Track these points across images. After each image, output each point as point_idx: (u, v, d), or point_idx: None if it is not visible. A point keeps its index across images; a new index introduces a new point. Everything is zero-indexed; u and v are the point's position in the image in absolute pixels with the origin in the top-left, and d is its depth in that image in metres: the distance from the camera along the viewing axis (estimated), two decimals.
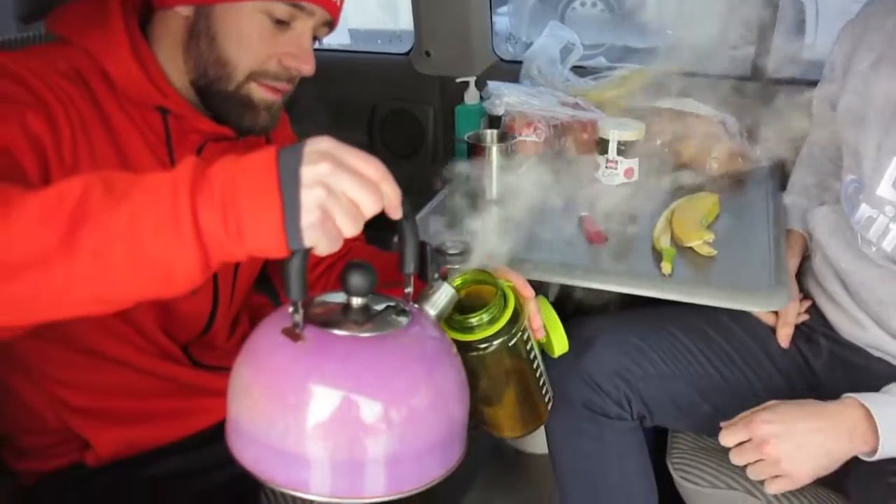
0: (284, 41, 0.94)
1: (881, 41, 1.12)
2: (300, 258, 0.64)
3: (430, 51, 2.07)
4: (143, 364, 1.00)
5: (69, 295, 0.63)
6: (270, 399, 0.66)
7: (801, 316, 1.28)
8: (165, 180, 0.63)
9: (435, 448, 0.69)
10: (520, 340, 0.91)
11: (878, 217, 1.11)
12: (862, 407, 1.00)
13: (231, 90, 0.94)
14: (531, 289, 0.96)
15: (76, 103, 0.87)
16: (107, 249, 0.61)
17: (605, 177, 1.39)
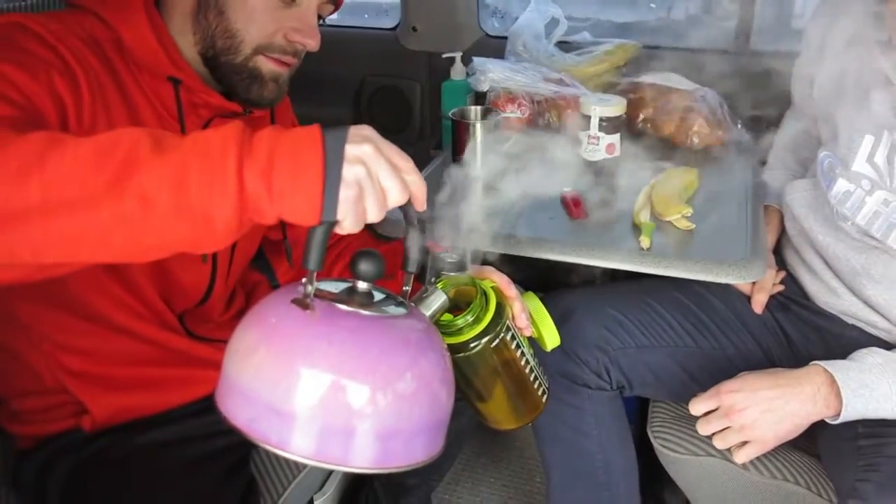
0: (290, 16, 0.96)
1: (853, 22, 1.13)
2: (325, 229, 0.68)
3: (417, 26, 2.07)
4: (141, 331, 1.03)
5: (113, 237, 0.65)
6: (277, 360, 0.68)
7: (777, 287, 1.31)
8: (214, 136, 0.66)
9: (423, 431, 0.72)
10: (504, 339, 0.93)
11: (854, 191, 1.13)
12: (825, 372, 1.05)
13: (239, 62, 0.97)
14: (514, 288, 1.00)
15: (95, 69, 0.89)
16: (154, 194, 0.64)
17: (587, 152, 1.41)
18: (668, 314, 1.28)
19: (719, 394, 1.08)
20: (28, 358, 1.01)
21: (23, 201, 0.63)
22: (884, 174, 1.09)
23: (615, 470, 1.31)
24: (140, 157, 0.64)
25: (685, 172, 1.38)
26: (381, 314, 0.73)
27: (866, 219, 1.12)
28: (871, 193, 1.11)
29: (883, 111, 1.08)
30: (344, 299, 0.74)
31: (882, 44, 1.06)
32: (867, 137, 1.10)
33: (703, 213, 1.25)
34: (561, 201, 1.32)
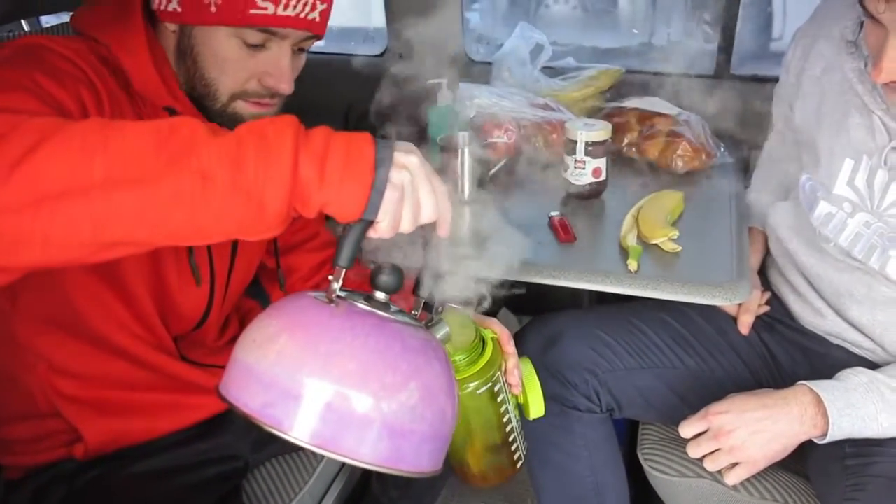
0: (262, 62, 0.97)
1: (830, 48, 1.16)
2: (363, 227, 0.71)
3: (403, 53, 2.09)
4: (137, 354, 1.04)
5: (171, 215, 0.67)
6: (300, 347, 0.69)
7: (763, 307, 1.32)
8: (270, 123, 0.69)
9: (431, 438, 0.73)
10: (492, 389, 0.94)
11: (836, 213, 1.15)
12: (812, 392, 1.06)
13: (218, 108, 0.98)
14: (513, 345, 1.02)
15: (111, 89, 0.91)
16: (213, 171, 0.66)
17: (574, 177, 1.43)
18: (657, 336, 1.29)
19: (708, 416, 1.09)
20: (22, 380, 1.01)
21: (86, 177, 0.65)
22: (864, 197, 1.11)
23: (606, 493, 1.31)
24: (199, 138, 0.67)
25: (670, 195, 1.39)
26: (399, 319, 0.75)
27: (848, 240, 1.14)
28: (852, 216, 1.13)
29: (861, 136, 1.10)
30: (363, 303, 0.76)
31: (858, 71, 1.08)
32: (847, 161, 1.13)
33: (688, 235, 1.27)
34: (549, 225, 1.34)
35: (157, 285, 1.03)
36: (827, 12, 1.19)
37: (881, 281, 1.12)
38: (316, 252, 1.29)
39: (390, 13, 2.07)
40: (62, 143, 0.65)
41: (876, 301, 1.14)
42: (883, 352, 1.17)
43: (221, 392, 0.72)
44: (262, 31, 0.94)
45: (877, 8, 0.88)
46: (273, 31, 0.94)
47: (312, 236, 1.29)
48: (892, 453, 1.03)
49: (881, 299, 1.13)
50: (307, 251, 1.28)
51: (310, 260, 1.28)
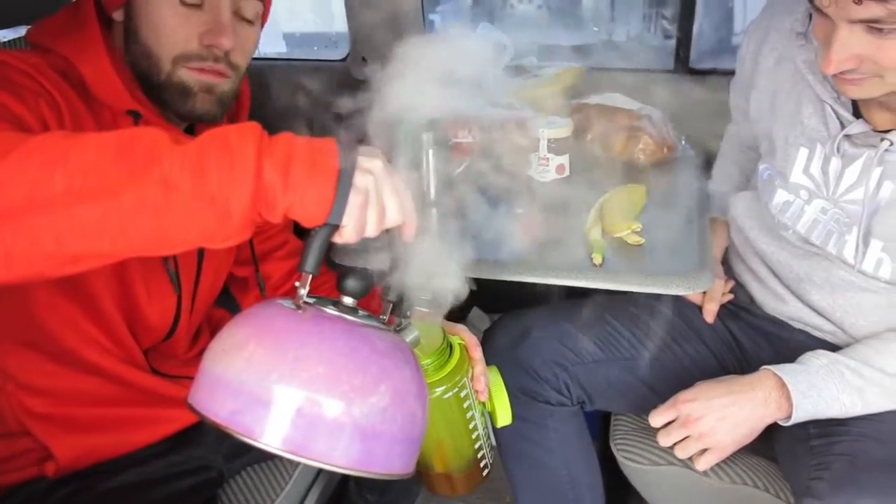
0: (201, 20, 0.96)
1: (782, 40, 1.18)
2: (327, 232, 0.71)
3: (367, 56, 2.10)
4: (107, 368, 1.03)
5: (135, 224, 0.67)
6: (268, 352, 0.69)
7: (726, 295, 1.35)
8: (232, 129, 0.69)
9: (402, 440, 0.73)
10: (458, 395, 0.95)
11: (794, 201, 1.18)
12: (775, 376, 1.09)
13: (163, 80, 0.97)
14: (480, 351, 1.03)
15: (70, 101, 0.90)
16: (176, 179, 0.66)
17: (538, 174, 1.44)
18: (624, 328, 1.31)
19: (676, 404, 1.11)
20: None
21: (47, 190, 0.64)
22: (820, 184, 1.14)
23: (580, 484, 1.32)
24: (161, 147, 0.67)
25: (633, 189, 1.42)
26: (368, 323, 0.76)
27: (806, 227, 1.17)
28: (809, 203, 1.16)
29: (814, 125, 1.13)
30: (331, 308, 0.76)
31: (809, 62, 1.11)
32: (802, 150, 1.15)
33: (652, 227, 1.29)
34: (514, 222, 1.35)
35: (125, 298, 1.02)
36: (778, 5, 1.21)
37: (839, 265, 1.15)
38: (285, 260, 1.29)
39: (351, 18, 2.07)
40: (22, 158, 0.65)
41: (835, 285, 1.17)
42: (843, 334, 1.20)
43: (190, 403, 0.72)
44: None
45: (823, 2, 0.90)
46: None
47: (281, 245, 1.29)
48: (854, 432, 1.06)
49: (840, 283, 1.16)
50: (277, 259, 1.28)
51: (280, 268, 1.28)
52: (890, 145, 1.03)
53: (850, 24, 0.90)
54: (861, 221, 1.08)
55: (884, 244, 1.08)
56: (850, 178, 1.10)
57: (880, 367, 1.08)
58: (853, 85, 0.97)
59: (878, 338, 1.14)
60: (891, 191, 1.06)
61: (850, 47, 0.91)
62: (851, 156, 1.08)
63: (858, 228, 1.09)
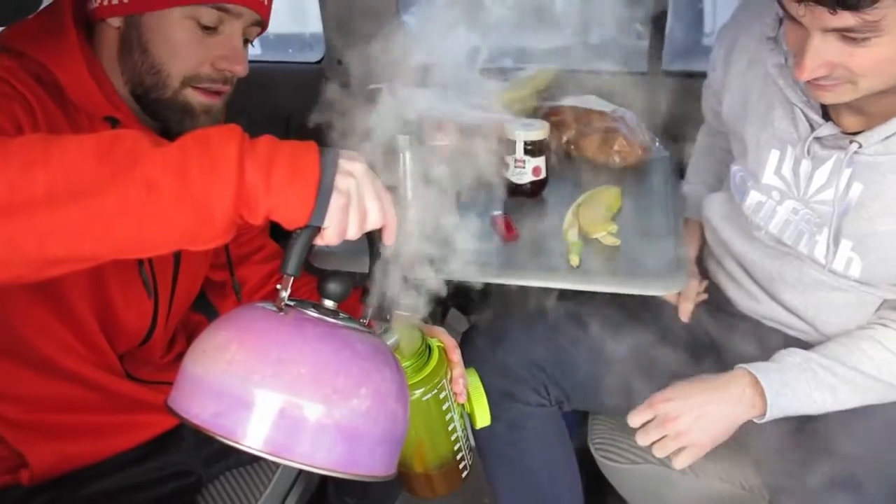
0: (215, 44, 0.97)
1: (752, 43, 1.20)
2: (309, 234, 0.71)
3: (342, 59, 2.09)
4: (83, 374, 1.02)
5: (117, 226, 0.66)
6: (250, 354, 0.69)
7: (701, 295, 1.37)
8: (214, 131, 0.69)
9: (384, 441, 0.74)
10: (437, 396, 0.96)
11: (766, 202, 1.20)
12: (750, 374, 1.11)
13: (168, 97, 0.97)
14: (459, 354, 1.04)
15: (46, 106, 0.89)
16: (158, 181, 0.65)
17: (515, 176, 1.45)
18: (601, 328, 1.32)
19: (653, 404, 1.13)
20: None
21: (28, 192, 0.64)
22: (791, 185, 1.16)
23: (560, 484, 1.33)
24: (142, 149, 0.67)
25: (609, 191, 1.43)
26: (348, 325, 0.76)
27: (778, 227, 1.19)
28: (781, 203, 1.18)
29: (785, 127, 1.15)
30: (312, 310, 0.76)
31: (778, 66, 1.13)
32: (773, 152, 1.17)
33: (627, 229, 1.31)
34: (492, 224, 1.36)
35: (100, 302, 1.01)
36: (748, 9, 1.23)
37: (810, 265, 1.17)
38: (263, 264, 1.29)
39: (326, 20, 2.06)
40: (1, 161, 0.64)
41: (806, 284, 1.19)
42: (815, 332, 1.22)
43: (170, 405, 0.72)
44: (217, 9, 0.94)
45: (797, 11, 0.91)
46: (227, 9, 0.95)
47: (259, 248, 1.29)
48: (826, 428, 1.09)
49: (811, 283, 1.18)
50: (254, 263, 1.28)
51: (258, 272, 1.28)
52: (859, 147, 1.05)
53: (823, 33, 0.91)
54: (831, 222, 1.10)
55: (853, 244, 1.10)
56: (821, 179, 1.12)
57: (852, 364, 1.11)
58: (825, 91, 0.99)
59: (850, 336, 1.16)
60: (860, 192, 1.08)
61: (823, 55, 0.93)
62: (821, 158, 1.10)
63: (829, 229, 1.11)
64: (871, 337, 1.13)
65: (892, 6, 0.85)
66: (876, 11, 0.85)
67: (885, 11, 0.85)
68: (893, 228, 1.06)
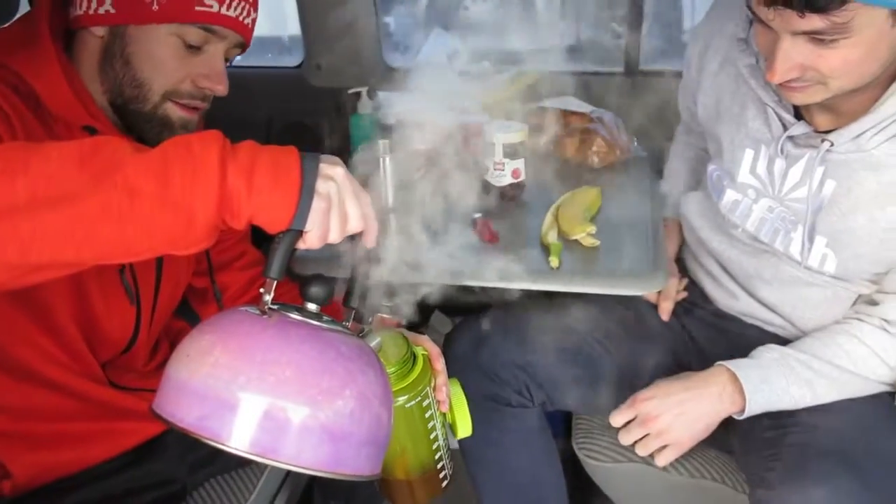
0: (197, 62, 0.98)
1: (724, 44, 1.22)
2: (291, 238, 0.72)
3: (321, 63, 2.10)
4: (65, 383, 1.02)
5: (99, 231, 0.66)
6: (234, 357, 0.70)
7: (681, 293, 1.38)
8: (194, 137, 0.69)
9: (369, 442, 0.74)
10: (420, 404, 0.96)
11: (742, 200, 1.21)
12: (729, 371, 1.12)
13: (147, 110, 0.98)
14: (443, 362, 1.05)
15: (23, 116, 0.89)
16: (140, 185, 0.66)
17: (495, 178, 1.46)
18: (582, 328, 1.33)
19: (635, 403, 1.15)
20: None
21: (9, 199, 0.64)
22: (766, 184, 1.17)
23: (544, 484, 1.34)
24: (124, 154, 0.67)
25: (588, 192, 1.44)
26: (332, 328, 0.77)
27: (754, 225, 1.20)
28: (756, 202, 1.19)
29: (758, 126, 1.16)
30: (296, 313, 0.77)
31: (750, 66, 1.14)
32: (747, 151, 1.19)
33: (606, 229, 1.32)
34: (472, 227, 1.36)
35: (82, 310, 1.01)
36: (719, 10, 1.25)
37: (786, 262, 1.18)
38: (245, 270, 1.29)
39: (306, 25, 2.07)
40: None
41: (783, 281, 1.20)
42: (793, 328, 1.24)
43: (155, 410, 0.72)
44: (204, 30, 0.96)
45: (766, 15, 0.93)
46: (214, 30, 0.96)
47: (240, 255, 1.29)
48: (804, 423, 1.10)
49: (788, 279, 1.20)
50: (236, 270, 1.28)
51: (239, 278, 1.28)
52: (831, 146, 1.06)
53: (793, 36, 0.93)
54: (806, 219, 1.12)
55: (828, 240, 1.12)
56: (794, 177, 1.13)
57: (828, 358, 1.12)
58: (797, 92, 1.00)
59: (826, 330, 1.18)
60: (833, 188, 1.09)
61: (793, 57, 0.94)
62: (794, 156, 1.12)
63: (803, 226, 1.12)
64: (846, 332, 1.14)
65: (859, 8, 0.86)
66: (844, 14, 0.86)
67: (853, 13, 0.87)
68: (866, 224, 1.07)
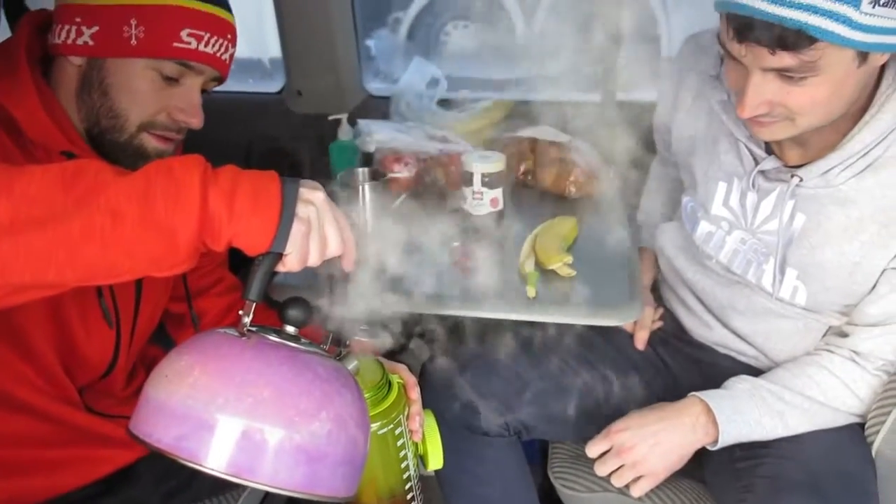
0: (174, 95, 0.99)
1: (697, 80, 1.25)
2: (271, 261, 0.73)
3: (302, 89, 2.11)
4: (41, 408, 1.01)
5: (81, 253, 0.67)
6: (213, 377, 0.70)
7: (656, 323, 1.40)
8: (176, 161, 0.70)
9: (345, 462, 0.74)
10: (393, 431, 0.97)
11: (716, 232, 1.23)
12: (702, 402, 1.14)
13: (123, 140, 0.99)
14: (418, 392, 1.06)
15: (3, 142, 0.90)
16: (123, 207, 0.67)
17: (473, 207, 1.47)
18: (559, 358, 1.34)
19: (610, 434, 1.16)
20: None
21: None
22: (739, 216, 1.20)
23: None
24: (106, 177, 0.68)
25: (565, 222, 1.45)
26: (310, 350, 0.77)
27: (727, 256, 1.22)
28: (729, 233, 1.22)
29: (730, 160, 1.19)
30: (274, 336, 0.78)
31: (722, 102, 1.17)
32: (720, 184, 1.21)
33: (583, 259, 1.33)
34: (450, 256, 1.37)
35: (60, 335, 1.01)
36: (691, 47, 1.28)
37: (758, 293, 1.20)
38: (223, 296, 1.29)
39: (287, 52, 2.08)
40: None
41: (756, 312, 1.22)
42: (765, 358, 1.26)
43: (132, 430, 0.72)
44: (181, 65, 0.97)
45: (739, 51, 0.95)
46: (191, 66, 0.98)
47: (217, 281, 1.29)
48: (776, 454, 1.11)
49: (760, 310, 1.21)
50: (214, 295, 1.28)
51: (218, 304, 1.28)
52: (800, 181, 1.09)
53: (763, 72, 0.95)
54: (777, 251, 1.14)
55: (798, 273, 1.14)
56: (766, 210, 1.15)
57: (799, 390, 1.14)
58: (765, 128, 1.03)
59: (797, 362, 1.20)
60: (803, 222, 1.12)
61: (763, 93, 0.97)
62: (766, 190, 1.14)
63: (775, 258, 1.15)
64: (817, 363, 1.16)
65: (827, 48, 0.89)
66: (812, 52, 0.89)
67: (821, 53, 0.89)
68: (834, 258, 1.10)
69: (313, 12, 1.96)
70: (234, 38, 1.03)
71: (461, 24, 3.11)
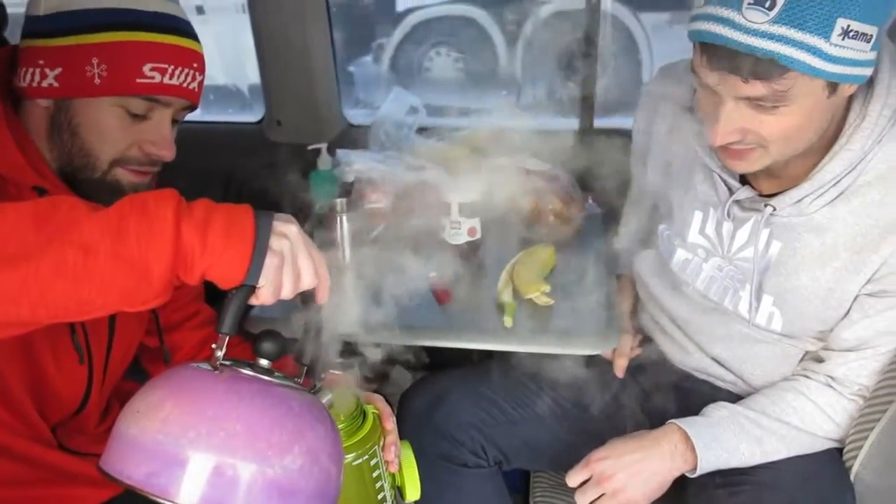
0: (144, 129, 0.98)
1: (671, 109, 1.26)
2: (245, 293, 0.73)
3: (282, 119, 2.11)
4: (12, 447, 0.99)
5: (54, 290, 0.67)
6: (185, 412, 0.69)
7: (635, 350, 1.40)
8: (150, 195, 0.70)
9: (319, 496, 0.74)
10: (368, 462, 0.96)
11: (692, 259, 1.24)
12: (680, 430, 1.14)
13: (97, 178, 0.98)
14: (394, 422, 1.05)
15: None
16: (95, 243, 0.66)
17: (451, 236, 1.47)
18: (538, 387, 1.34)
19: (589, 463, 1.15)
20: None
21: None
22: (715, 244, 1.20)
23: None
24: (79, 213, 0.68)
25: (542, 250, 1.46)
26: (284, 383, 0.77)
27: (704, 283, 1.23)
28: (706, 261, 1.22)
29: (705, 190, 1.20)
30: (247, 369, 0.77)
31: (696, 134, 1.18)
32: (696, 213, 1.22)
33: (561, 288, 1.33)
34: (428, 286, 1.37)
35: (31, 371, 0.99)
36: (665, 79, 1.29)
37: (736, 319, 1.21)
38: (198, 329, 1.28)
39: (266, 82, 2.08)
40: None
41: (733, 338, 1.23)
42: (743, 384, 1.26)
43: (102, 467, 0.71)
44: (147, 100, 0.97)
45: (712, 80, 0.97)
46: (157, 100, 0.97)
47: (193, 314, 1.28)
48: (755, 482, 1.11)
49: (737, 336, 1.22)
50: (189, 329, 1.27)
51: (192, 338, 1.27)
52: (773, 210, 1.10)
53: (736, 101, 0.97)
54: (753, 278, 1.15)
55: (774, 299, 1.15)
56: (742, 238, 1.16)
57: (777, 416, 1.14)
58: (740, 160, 1.04)
59: (774, 387, 1.20)
60: (779, 250, 1.12)
61: (735, 121, 0.98)
62: (741, 219, 1.15)
63: (751, 285, 1.15)
64: (794, 388, 1.17)
65: (798, 78, 0.91)
66: (784, 82, 0.91)
67: (792, 82, 0.91)
68: (809, 284, 1.11)
69: (292, 43, 1.97)
70: (201, 65, 1.02)
71: (444, 52, 3.16)
